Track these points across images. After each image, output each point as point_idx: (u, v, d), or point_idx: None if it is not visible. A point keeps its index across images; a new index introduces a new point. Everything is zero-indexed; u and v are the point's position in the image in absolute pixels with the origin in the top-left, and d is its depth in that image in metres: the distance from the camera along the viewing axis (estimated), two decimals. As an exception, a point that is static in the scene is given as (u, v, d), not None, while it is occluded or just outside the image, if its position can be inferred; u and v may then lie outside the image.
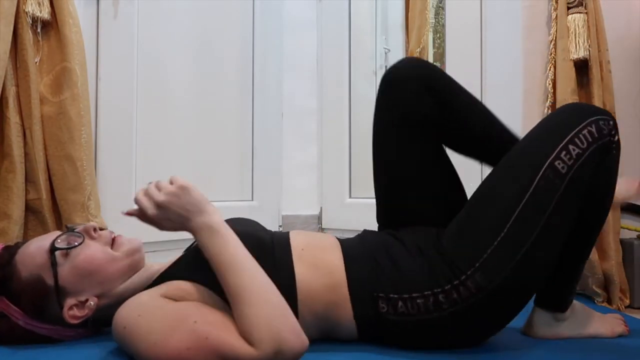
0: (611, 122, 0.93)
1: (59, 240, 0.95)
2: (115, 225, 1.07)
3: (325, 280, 0.94)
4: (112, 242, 0.99)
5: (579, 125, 0.91)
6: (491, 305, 0.90)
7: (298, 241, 0.99)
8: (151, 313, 0.84)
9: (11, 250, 0.96)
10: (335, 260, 0.97)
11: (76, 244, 0.95)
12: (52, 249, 0.93)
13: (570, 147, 0.90)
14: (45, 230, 1.28)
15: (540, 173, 0.89)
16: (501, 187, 0.93)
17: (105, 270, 0.95)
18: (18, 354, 0.91)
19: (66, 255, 0.93)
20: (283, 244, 0.98)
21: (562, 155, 0.89)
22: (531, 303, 1.10)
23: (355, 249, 1.00)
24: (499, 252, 0.88)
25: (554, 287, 1.06)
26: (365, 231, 1.08)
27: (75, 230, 0.98)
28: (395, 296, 0.92)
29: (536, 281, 0.94)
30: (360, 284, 0.94)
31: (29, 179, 1.28)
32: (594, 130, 0.91)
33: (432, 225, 1.03)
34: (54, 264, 0.92)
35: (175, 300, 0.88)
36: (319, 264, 0.96)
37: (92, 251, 0.95)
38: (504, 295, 0.89)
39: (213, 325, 0.80)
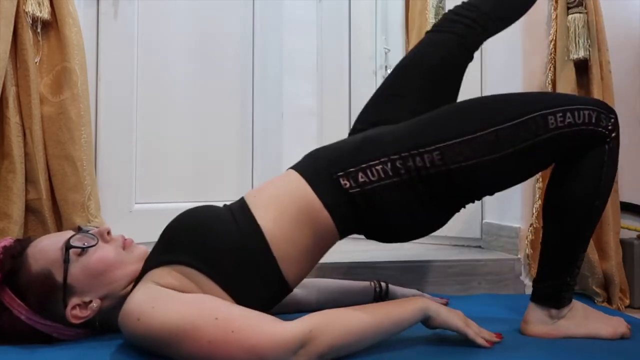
0: (612, 120, 0.99)
1: (74, 239, 0.96)
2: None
3: (283, 200, 0.99)
4: (123, 246, 1.00)
5: (585, 105, 0.99)
6: (439, 185, 0.97)
7: (250, 194, 1.04)
8: (165, 304, 0.85)
9: (23, 243, 0.97)
10: (289, 177, 1.03)
11: (91, 244, 0.96)
12: (68, 246, 0.94)
13: (568, 114, 0.97)
14: (45, 231, 1.28)
15: (532, 115, 0.97)
16: (492, 105, 1.02)
17: (114, 272, 0.96)
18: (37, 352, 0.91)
19: (79, 254, 0.95)
20: (238, 203, 1.02)
21: (558, 115, 0.97)
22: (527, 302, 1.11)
23: (306, 158, 1.08)
24: (461, 148, 0.96)
25: (548, 281, 1.06)
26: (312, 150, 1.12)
27: (89, 232, 0.99)
28: (353, 169, 0.97)
29: (472, 193, 1.04)
30: (317, 175, 0.99)
31: (29, 179, 1.28)
32: (593, 116, 0.98)
33: None
34: (66, 260, 0.93)
35: (173, 289, 0.90)
36: (273, 193, 1.01)
37: (105, 252, 0.97)
38: (450, 182, 0.97)
39: (237, 320, 0.83)
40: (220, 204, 1.05)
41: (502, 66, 1.67)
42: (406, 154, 0.97)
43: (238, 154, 1.90)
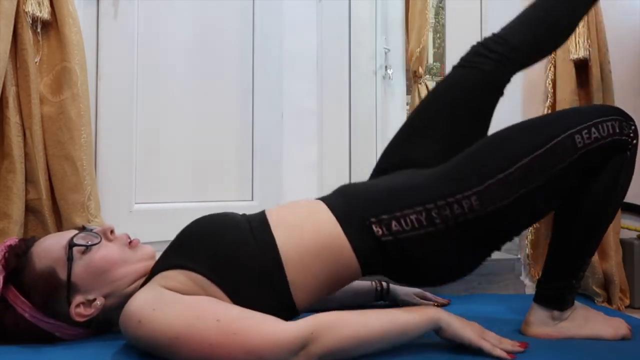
0: (633, 127, 1.00)
1: (77, 238, 0.96)
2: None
3: (309, 230, 0.97)
4: (129, 245, 1.00)
5: (605, 117, 0.98)
6: (476, 231, 0.96)
7: (273, 211, 1.02)
8: (166, 306, 0.85)
9: (28, 242, 0.98)
10: (318, 209, 1.01)
11: (94, 242, 0.96)
12: (71, 244, 0.95)
13: (593, 129, 0.97)
14: (45, 231, 1.28)
15: (560, 138, 0.96)
16: (518, 137, 1.00)
17: (118, 270, 0.97)
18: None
19: (83, 252, 0.95)
20: (258, 217, 1.01)
21: (584, 133, 0.96)
22: (530, 302, 1.11)
23: (336, 195, 1.05)
24: (497, 188, 0.95)
25: (554, 283, 1.06)
26: (342, 186, 1.10)
27: (92, 231, 1.00)
28: (387, 216, 0.95)
29: (514, 228, 1.02)
30: (350, 217, 0.97)
31: (29, 179, 1.28)
32: (616, 125, 0.98)
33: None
34: (70, 259, 0.94)
35: (177, 292, 0.89)
36: (298, 220, 0.99)
37: (108, 250, 0.97)
38: (488, 225, 0.96)
39: (239, 321, 0.83)
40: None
41: (502, 66, 1.67)
42: (442, 202, 0.95)
43: (238, 154, 1.89)
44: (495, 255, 1.04)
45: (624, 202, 1.57)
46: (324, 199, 1.04)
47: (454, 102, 1.16)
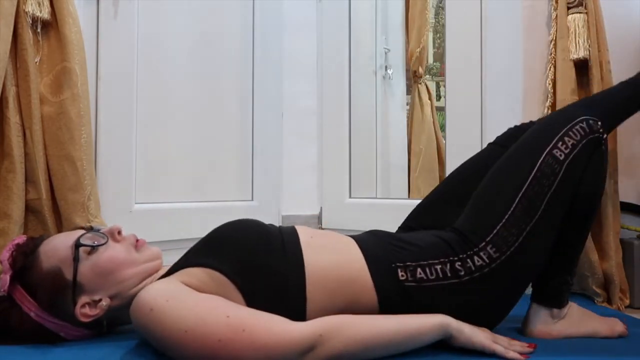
0: (599, 122, 1.04)
1: (84, 238, 0.97)
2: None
3: (337, 258, 0.98)
4: (135, 246, 1.00)
5: (572, 121, 1.04)
6: (502, 275, 0.98)
7: (305, 231, 1.04)
8: (180, 299, 0.86)
9: (36, 241, 0.99)
10: (347, 242, 1.03)
11: (101, 242, 0.97)
12: (77, 244, 0.95)
13: (566, 138, 1.02)
14: (45, 231, 1.28)
15: (541, 159, 1.01)
16: (507, 174, 1.05)
17: (125, 271, 0.97)
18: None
19: (89, 253, 0.95)
20: (290, 232, 1.03)
21: (559, 145, 1.02)
22: (528, 302, 1.11)
23: (366, 235, 1.08)
24: (507, 229, 0.99)
25: (550, 281, 1.07)
26: (374, 230, 1.13)
27: (100, 231, 1.00)
28: (414, 264, 0.98)
29: (539, 257, 1.03)
30: (377, 257, 0.99)
31: (29, 179, 1.28)
32: (585, 126, 1.03)
33: None
34: (76, 259, 0.94)
35: (194, 289, 0.90)
36: (328, 246, 1.01)
37: (115, 251, 0.97)
38: (513, 267, 0.99)
39: (248, 319, 0.83)
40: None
41: (502, 66, 1.67)
42: (464, 256, 0.98)
43: (238, 154, 1.90)
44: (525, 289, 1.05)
45: (624, 202, 1.58)
46: (355, 238, 1.06)
47: (487, 174, 1.18)
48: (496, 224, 0.99)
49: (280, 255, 0.96)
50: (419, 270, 0.97)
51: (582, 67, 1.53)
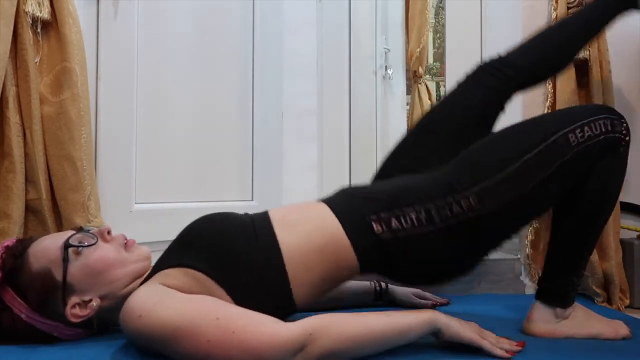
0: (625, 125, 1.02)
1: (73, 239, 0.96)
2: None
3: (310, 228, 0.98)
4: (125, 246, 1.00)
5: (597, 115, 1.01)
6: (475, 229, 0.97)
7: (277, 211, 1.04)
8: (167, 302, 0.85)
9: (25, 243, 0.98)
10: (319, 209, 1.02)
11: (90, 243, 0.96)
12: (66, 245, 0.95)
13: (586, 128, 0.99)
14: (45, 231, 1.28)
15: (554, 137, 0.99)
16: (513, 137, 1.03)
17: (114, 271, 0.97)
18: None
19: (78, 253, 0.95)
20: (262, 216, 1.02)
21: (577, 132, 0.99)
22: (530, 301, 1.11)
23: (337, 195, 1.07)
24: (496, 186, 0.97)
25: (555, 280, 1.07)
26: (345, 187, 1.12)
27: (89, 232, 1.00)
28: (387, 214, 0.96)
29: (512, 228, 1.04)
30: (350, 214, 0.98)
31: (29, 179, 1.28)
32: (608, 123, 1.00)
33: None
34: (65, 259, 0.94)
35: (177, 290, 0.90)
36: (301, 219, 1.00)
37: (104, 252, 0.97)
38: (486, 225, 0.98)
39: (238, 320, 0.83)
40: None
41: (502, 66, 1.67)
42: (442, 202, 0.96)
43: (238, 154, 1.89)
44: (495, 255, 1.05)
45: (624, 202, 1.58)
46: (324, 200, 1.06)
47: (457, 117, 1.19)
48: (488, 177, 0.97)
49: (253, 242, 0.95)
50: (393, 220, 0.96)
51: (582, 67, 1.53)
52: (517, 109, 1.62)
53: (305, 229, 0.98)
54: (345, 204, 1.01)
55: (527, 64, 1.19)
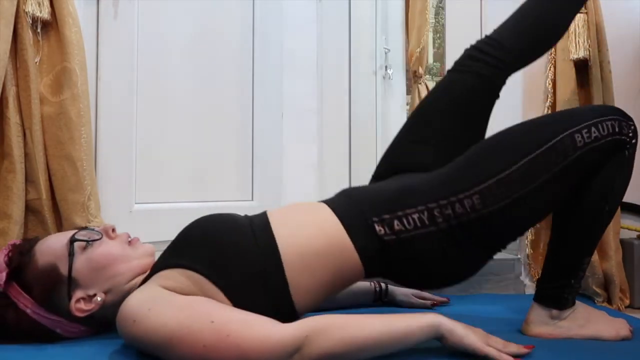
0: (632, 127, 1.01)
1: (79, 234, 0.99)
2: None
3: (311, 231, 0.97)
4: (129, 243, 1.02)
5: (605, 116, 0.99)
6: (479, 230, 0.96)
7: (277, 212, 1.03)
8: (161, 307, 0.85)
9: (32, 242, 1.00)
10: (320, 211, 1.01)
11: (96, 238, 0.98)
12: (72, 239, 0.97)
13: (593, 128, 0.97)
14: (45, 231, 1.28)
15: (560, 137, 0.96)
16: (518, 137, 1.01)
17: (118, 266, 0.98)
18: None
19: (84, 248, 0.97)
20: (261, 218, 1.01)
21: (584, 132, 0.97)
22: (530, 302, 1.11)
23: (337, 196, 1.06)
24: (499, 187, 0.95)
25: (552, 282, 1.06)
26: (345, 188, 1.11)
27: (94, 229, 1.02)
28: (389, 216, 0.95)
29: (514, 229, 1.02)
30: (352, 217, 0.97)
31: (29, 179, 1.28)
32: (616, 125, 0.99)
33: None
34: (71, 254, 0.96)
35: (175, 292, 0.89)
36: (301, 220, 0.99)
37: (109, 247, 0.99)
38: (491, 226, 0.96)
39: (233, 323, 0.82)
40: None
41: (502, 66, 1.67)
42: (444, 202, 0.95)
43: (238, 154, 1.89)
44: (496, 255, 1.04)
45: (624, 202, 1.58)
46: (325, 201, 1.04)
47: (451, 107, 1.16)
48: (491, 177, 0.95)
49: (251, 244, 0.94)
50: (395, 222, 0.95)
51: (582, 67, 1.54)
52: (517, 109, 1.62)
53: (306, 232, 0.97)
54: (347, 206, 1.00)
55: (514, 41, 1.15)
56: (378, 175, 1.20)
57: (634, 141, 1.01)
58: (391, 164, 1.19)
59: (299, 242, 0.95)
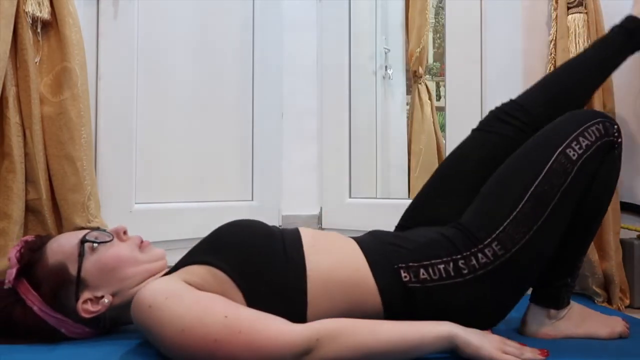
0: (615, 126, 1.02)
1: (90, 235, 0.99)
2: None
3: (339, 261, 0.97)
4: (140, 246, 1.02)
5: (587, 122, 1.01)
6: (505, 273, 0.97)
7: (308, 233, 1.04)
8: (179, 298, 0.86)
9: (43, 239, 1.01)
10: (349, 245, 1.02)
11: (106, 240, 0.99)
12: (83, 240, 0.98)
13: (580, 139, 1.00)
14: (45, 231, 1.28)
15: (554, 157, 0.99)
16: (518, 170, 1.03)
17: (127, 269, 0.99)
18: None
19: (94, 249, 0.97)
20: (292, 234, 1.02)
21: (573, 145, 0.99)
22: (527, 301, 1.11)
23: (367, 236, 1.06)
24: (515, 226, 0.96)
25: (548, 282, 1.07)
26: (374, 230, 1.12)
27: (106, 231, 1.02)
28: (416, 264, 0.96)
29: (543, 257, 1.01)
30: (379, 259, 0.98)
31: (29, 179, 1.28)
32: (600, 128, 1.01)
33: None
34: (81, 254, 0.96)
35: (195, 287, 0.90)
36: (331, 249, 1.00)
37: (118, 249, 0.99)
38: (516, 265, 0.97)
39: (246, 320, 0.83)
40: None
41: (502, 66, 1.67)
42: (467, 253, 0.96)
43: (238, 154, 1.90)
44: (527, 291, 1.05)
45: (624, 202, 1.58)
46: (355, 238, 1.05)
47: (476, 165, 1.17)
48: (503, 220, 0.97)
49: (281, 258, 0.95)
50: (421, 270, 0.96)
51: (582, 67, 1.53)
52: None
53: (334, 261, 0.97)
54: (374, 246, 1.01)
55: (541, 110, 1.17)
56: (403, 225, 1.22)
57: (619, 140, 1.03)
58: (417, 215, 1.21)
59: (325, 268, 0.96)
